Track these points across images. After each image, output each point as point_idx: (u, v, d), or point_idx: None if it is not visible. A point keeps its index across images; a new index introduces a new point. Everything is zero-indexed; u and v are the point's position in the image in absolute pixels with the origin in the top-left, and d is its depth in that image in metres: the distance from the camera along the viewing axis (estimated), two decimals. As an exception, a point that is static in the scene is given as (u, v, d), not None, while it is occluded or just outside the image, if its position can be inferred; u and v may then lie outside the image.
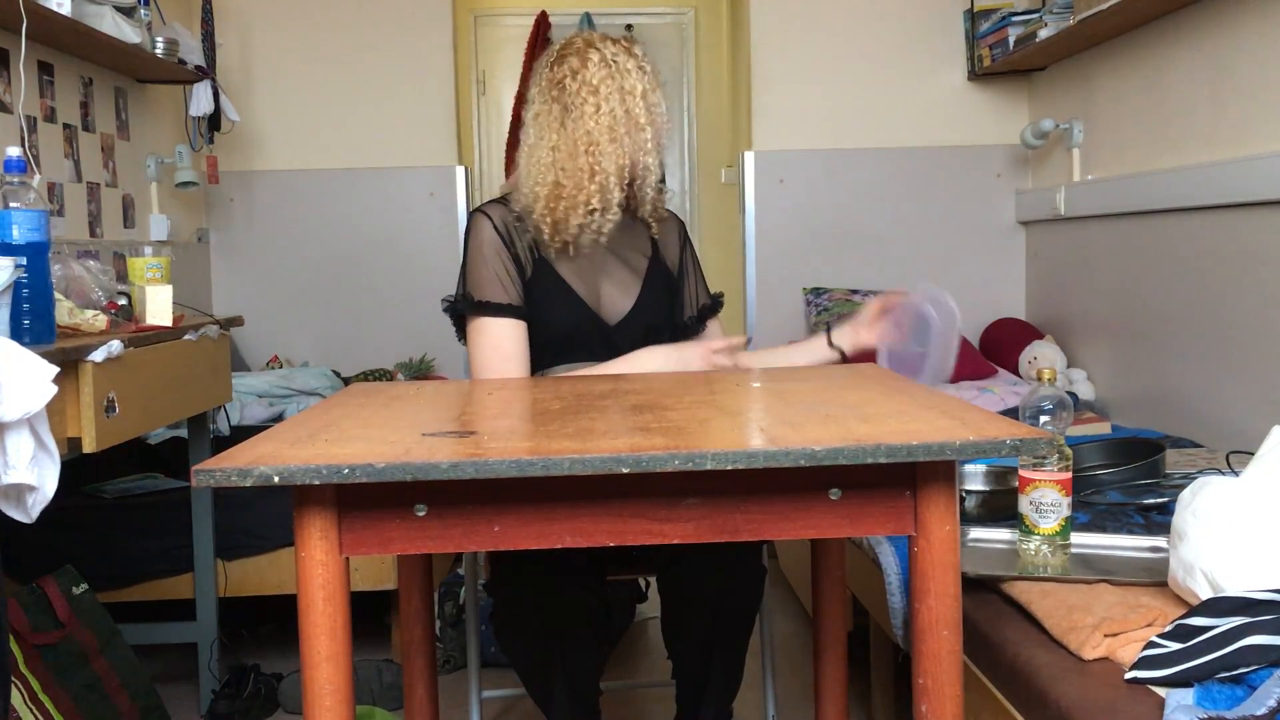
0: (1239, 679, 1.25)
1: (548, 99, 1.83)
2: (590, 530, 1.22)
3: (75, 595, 2.21)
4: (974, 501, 1.97)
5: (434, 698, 1.91)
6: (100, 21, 2.77)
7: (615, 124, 1.79)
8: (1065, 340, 3.60)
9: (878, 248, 3.97)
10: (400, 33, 4.00)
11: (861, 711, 2.40)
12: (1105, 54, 3.29)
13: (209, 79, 3.52)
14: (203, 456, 2.54)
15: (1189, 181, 2.77)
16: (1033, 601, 1.55)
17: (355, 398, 1.59)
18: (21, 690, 1.98)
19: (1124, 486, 2.11)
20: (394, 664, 2.61)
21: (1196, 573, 1.42)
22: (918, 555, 1.23)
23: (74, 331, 1.90)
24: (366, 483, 1.14)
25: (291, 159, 4.00)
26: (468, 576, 2.18)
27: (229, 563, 2.64)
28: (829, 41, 3.93)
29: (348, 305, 4.02)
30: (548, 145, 1.82)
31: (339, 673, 1.19)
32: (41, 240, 1.72)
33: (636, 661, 2.86)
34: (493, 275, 1.84)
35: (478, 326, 1.84)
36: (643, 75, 1.82)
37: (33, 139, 2.73)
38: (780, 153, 3.95)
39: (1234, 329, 2.65)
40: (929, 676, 1.24)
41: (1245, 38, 2.59)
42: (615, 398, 1.54)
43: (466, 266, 1.88)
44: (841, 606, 1.85)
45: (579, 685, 1.71)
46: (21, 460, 1.48)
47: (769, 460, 1.13)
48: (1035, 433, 1.18)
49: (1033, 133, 3.59)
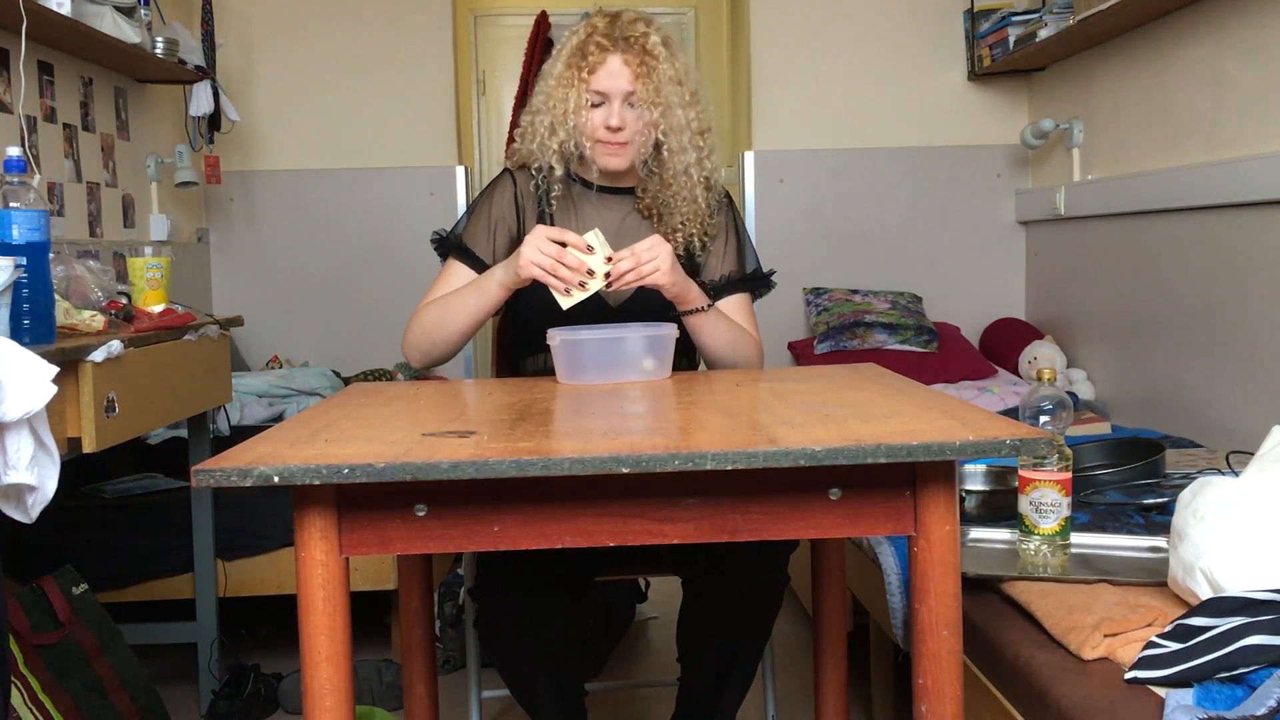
0: (1239, 679, 1.25)
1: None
2: (590, 530, 1.22)
3: (75, 595, 2.21)
4: (974, 501, 1.97)
5: (434, 698, 1.91)
6: (100, 21, 2.77)
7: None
8: (1065, 340, 3.60)
9: (878, 248, 3.98)
10: (400, 33, 4.00)
11: (861, 711, 2.40)
12: (1105, 54, 3.29)
13: (209, 79, 3.52)
14: (203, 456, 2.54)
15: (1189, 181, 2.77)
16: (1032, 601, 1.55)
17: (355, 398, 1.59)
18: (21, 690, 1.98)
19: (1124, 486, 2.11)
20: (394, 664, 2.61)
21: (1196, 573, 1.42)
22: (918, 555, 1.23)
23: (71, 331, 1.90)
24: (366, 483, 1.14)
25: (291, 159, 4.00)
26: (467, 576, 2.17)
27: (229, 563, 2.64)
28: (829, 42, 3.93)
29: (348, 305, 4.02)
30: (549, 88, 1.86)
31: (339, 673, 1.19)
32: (41, 240, 1.72)
33: (636, 661, 2.86)
34: (483, 231, 1.91)
35: (450, 265, 1.92)
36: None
37: (33, 139, 2.73)
38: (780, 153, 3.95)
39: (1234, 329, 2.64)
40: (929, 676, 1.24)
41: (1245, 38, 2.59)
42: (615, 398, 1.54)
43: (470, 211, 1.95)
44: (841, 606, 1.85)
45: (564, 687, 1.71)
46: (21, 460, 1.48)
47: (769, 460, 1.13)
48: (1035, 433, 1.18)
49: (1033, 133, 3.59)
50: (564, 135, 1.83)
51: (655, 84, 1.80)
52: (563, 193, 1.90)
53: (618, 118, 1.80)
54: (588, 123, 1.82)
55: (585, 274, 1.67)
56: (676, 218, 1.89)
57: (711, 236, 1.94)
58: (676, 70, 1.83)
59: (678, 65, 1.84)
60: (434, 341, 1.84)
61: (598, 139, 1.82)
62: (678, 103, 1.83)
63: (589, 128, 1.82)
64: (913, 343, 3.57)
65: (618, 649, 2.92)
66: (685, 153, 1.85)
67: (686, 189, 1.87)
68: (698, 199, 1.89)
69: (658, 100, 1.81)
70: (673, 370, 1.74)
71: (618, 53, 1.80)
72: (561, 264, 1.66)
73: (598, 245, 1.68)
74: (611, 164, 1.84)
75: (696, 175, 1.87)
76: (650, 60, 1.80)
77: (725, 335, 1.86)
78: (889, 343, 3.56)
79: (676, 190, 1.87)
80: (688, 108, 1.84)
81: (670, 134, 1.83)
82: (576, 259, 1.66)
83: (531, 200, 1.92)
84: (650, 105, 1.81)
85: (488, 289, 1.77)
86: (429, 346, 1.85)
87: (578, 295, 1.68)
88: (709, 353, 1.89)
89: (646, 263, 1.69)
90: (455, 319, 1.81)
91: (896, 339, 3.57)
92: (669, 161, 1.85)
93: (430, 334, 1.83)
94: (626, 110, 1.81)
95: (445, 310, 1.82)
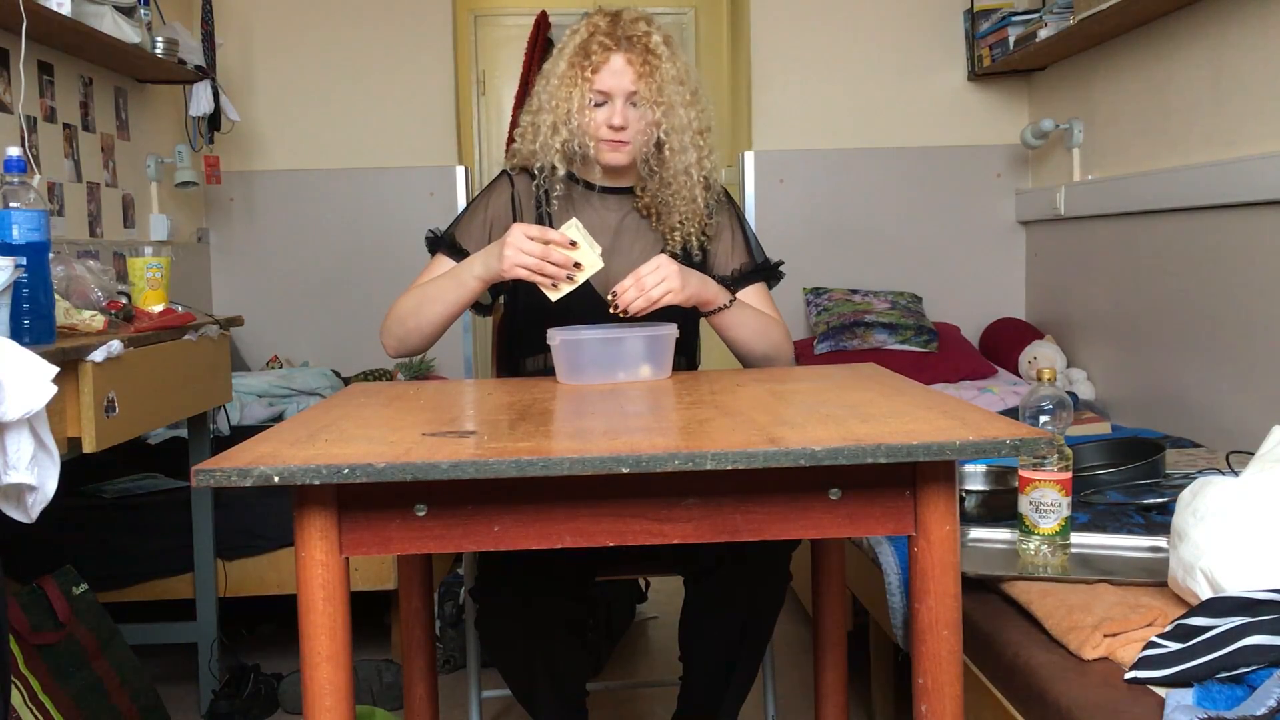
0: (1239, 679, 1.25)
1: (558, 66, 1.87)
2: (590, 530, 1.22)
3: (75, 595, 2.21)
4: (974, 501, 1.97)
5: (434, 698, 1.91)
6: (100, 21, 2.77)
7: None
8: (1065, 340, 3.60)
9: (878, 248, 3.98)
10: (400, 33, 4.00)
11: (861, 711, 2.40)
12: (1105, 54, 3.29)
13: (209, 79, 3.52)
14: (203, 456, 2.54)
15: (1189, 181, 2.77)
16: (1033, 601, 1.55)
17: (355, 398, 1.59)
18: (21, 690, 1.98)
19: (1124, 486, 2.11)
20: (394, 664, 2.61)
21: (1196, 573, 1.42)
22: (918, 555, 1.23)
23: (71, 331, 1.90)
24: (366, 483, 1.14)
25: (291, 159, 4.00)
26: (467, 577, 2.17)
27: (229, 563, 2.64)
28: (829, 42, 3.93)
29: (348, 305, 4.02)
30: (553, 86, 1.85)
31: (339, 673, 1.19)
32: (41, 240, 1.72)
33: (636, 661, 2.86)
34: (477, 229, 1.91)
35: (438, 259, 1.90)
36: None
37: (33, 139, 2.73)
38: (780, 153, 3.95)
39: (1234, 329, 2.65)
40: (929, 676, 1.24)
41: (1245, 37, 2.59)
42: (615, 398, 1.54)
43: (465, 210, 1.95)
44: (841, 606, 1.85)
45: (564, 687, 1.71)
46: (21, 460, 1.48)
47: (769, 460, 1.13)
48: (1035, 433, 1.18)
49: (1033, 133, 3.59)
50: (566, 134, 1.83)
51: (658, 83, 1.80)
52: (563, 193, 1.90)
53: (620, 116, 1.80)
54: (590, 122, 1.82)
55: (572, 268, 1.67)
56: (675, 217, 1.89)
57: (710, 236, 1.94)
58: (678, 69, 1.83)
59: (679, 64, 1.84)
60: (408, 329, 1.83)
61: (600, 138, 1.83)
62: (679, 102, 1.83)
63: (591, 127, 1.82)
64: (913, 343, 3.57)
65: (618, 649, 2.92)
66: (686, 152, 1.85)
67: (686, 188, 1.87)
68: (697, 198, 1.89)
69: (660, 100, 1.81)
70: (673, 370, 1.74)
71: (620, 52, 1.80)
72: (547, 261, 1.66)
73: (579, 238, 1.68)
74: (613, 159, 1.84)
75: (696, 175, 1.87)
76: (653, 59, 1.81)
77: (753, 325, 1.86)
78: (889, 343, 3.56)
79: (676, 190, 1.87)
80: (689, 107, 1.84)
81: (671, 133, 1.83)
82: (562, 255, 1.67)
83: (529, 202, 1.92)
84: (652, 104, 1.81)
85: (464, 281, 1.77)
86: (403, 334, 1.84)
87: (565, 287, 1.69)
88: (740, 347, 1.88)
89: (654, 286, 1.69)
90: (431, 309, 1.80)
91: (896, 339, 3.57)
92: (669, 161, 1.85)
93: (405, 321, 1.82)
94: (629, 109, 1.81)
95: (421, 300, 1.81)
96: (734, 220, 1.98)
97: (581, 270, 1.68)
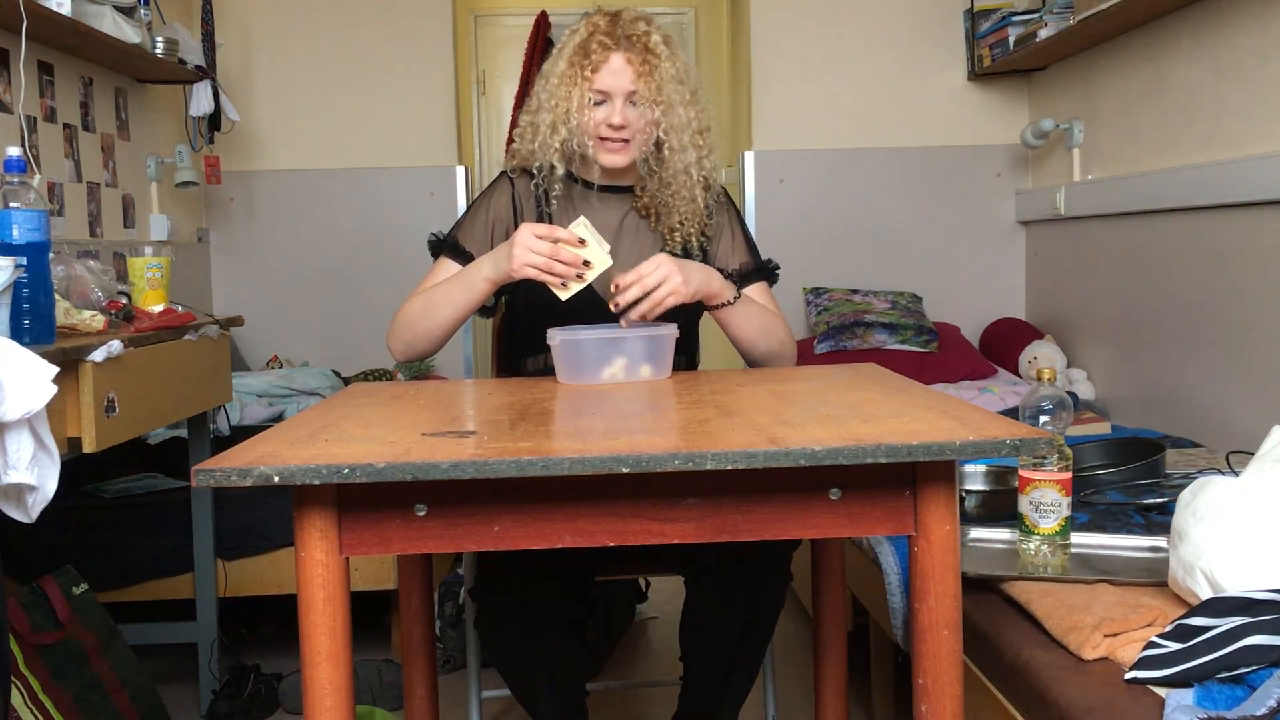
0: (1239, 679, 1.25)
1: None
2: (590, 530, 1.22)
3: (75, 595, 2.21)
4: (974, 501, 1.97)
5: (434, 698, 1.91)
6: (100, 21, 2.77)
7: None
8: (1065, 340, 3.60)
9: (878, 248, 3.98)
10: (400, 33, 4.00)
11: (861, 711, 2.40)
12: (1105, 54, 3.29)
13: (209, 79, 3.52)
14: (203, 456, 2.54)
15: (1189, 181, 2.77)
16: (1033, 601, 1.55)
17: (355, 398, 1.59)
18: (21, 690, 1.98)
19: (1124, 486, 2.11)
20: (394, 664, 2.61)
21: (1196, 573, 1.42)
22: (918, 555, 1.23)
23: (71, 331, 1.90)
24: (366, 483, 1.14)
25: (291, 159, 4.00)
26: (467, 577, 2.17)
27: (229, 563, 2.64)
28: (829, 42, 3.93)
29: (348, 305, 4.02)
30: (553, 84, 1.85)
31: (339, 673, 1.19)
32: (41, 240, 1.72)
33: (636, 661, 2.86)
34: (480, 230, 1.92)
35: (442, 262, 1.91)
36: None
37: (33, 139, 2.73)
38: (780, 153, 3.95)
39: (1234, 329, 2.65)
40: (929, 676, 1.24)
41: (1245, 37, 2.59)
42: (615, 398, 1.54)
43: (466, 213, 1.95)
44: (841, 606, 1.85)
45: (564, 687, 1.71)
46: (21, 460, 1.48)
47: (769, 460, 1.13)
48: (1035, 433, 1.18)
49: (1033, 133, 3.59)
50: (566, 134, 1.83)
51: (657, 83, 1.80)
52: (563, 192, 1.90)
53: (620, 116, 1.80)
54: (590, 121, 1.82)
55: (581, 266, 1.67)
56: (675, 217, 1.89)
57: (709, 236, 1.94)
58: (677, 69, 1.83)
59: (678, 64, 1.84)
60: (416, 334, 1.82)
61: (600, 137, 1.83)
62: (679, 101, 1.83)
63: (591, 126, 1.82)
64: (913, 343, 3.57)
65: (618, 649, 2.92)
66: (685, 152, 1.85)
67: (686, 188, 1.87)
68: (696, 198, 1.89)
69: (659, 99, 1.81)
70: (673, 370, 1.74)
71: (620, 51, 1.80)
72: (557, 260, 1.66)
73: (588, 236, 1.68)
74: (613, 161, 1.84)
75: (696, 174, 1.87)
76: (652, 59, 1.81)
77: (759, 321, 1.86)
78: (889, 343, 3.56)
79: (676, 189, 1.87)
80: (688, 107, 1.84)
81: (671, 133, 1.83)
82: (571, 254, 1.67)
83: (530, 202, 1.92)
84: (652, 104, 1.81)
85: (473, 283, 1.77)
86: (411, 338, 1.83)
87: (575, 286, 1.69)
88: (744, 344, 1.88)
89: (657, 287, 1.68)
90: (439, 312, 1.80)
91: (896, 339, 3.57)
92: (669, 160, 1.85)
93: (413, 325, 1.82)
94: (629, 109, 1.81)
95: (428, 304, 1.81)
96: (735, 220, 1.99)
97: (591, 268, 1.68)
